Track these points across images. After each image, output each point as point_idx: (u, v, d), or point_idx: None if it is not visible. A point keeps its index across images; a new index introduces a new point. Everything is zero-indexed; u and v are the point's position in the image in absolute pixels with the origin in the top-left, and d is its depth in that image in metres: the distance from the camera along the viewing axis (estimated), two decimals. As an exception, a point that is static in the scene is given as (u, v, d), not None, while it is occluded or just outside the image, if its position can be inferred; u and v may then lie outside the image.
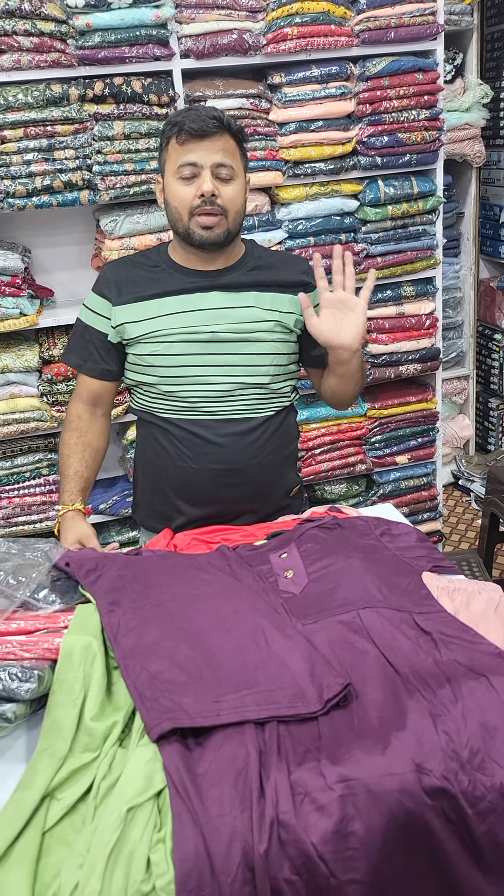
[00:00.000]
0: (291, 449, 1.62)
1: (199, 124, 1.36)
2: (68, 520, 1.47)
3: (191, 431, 1.48)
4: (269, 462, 1.53)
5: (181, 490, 1.52)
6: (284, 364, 1.54)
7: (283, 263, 1.57)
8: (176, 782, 0.83)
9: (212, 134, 1.37)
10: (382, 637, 1.05)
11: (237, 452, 1.49)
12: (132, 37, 2.10)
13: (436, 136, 2.50)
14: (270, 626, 1.06)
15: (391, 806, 0.82)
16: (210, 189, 1.37)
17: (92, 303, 1.53)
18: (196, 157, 1.37)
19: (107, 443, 1.62)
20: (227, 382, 1.47)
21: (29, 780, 0.88)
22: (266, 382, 1.50)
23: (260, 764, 0.86)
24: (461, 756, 0.86)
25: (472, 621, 1.12)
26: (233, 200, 1.41)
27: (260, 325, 1.48)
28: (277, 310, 1.50)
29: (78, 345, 1.56)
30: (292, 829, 0.80)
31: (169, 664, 0.99)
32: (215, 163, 1.38)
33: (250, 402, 1.49)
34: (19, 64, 2.05)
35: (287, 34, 2.24)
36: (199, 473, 1.49)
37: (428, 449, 2.86)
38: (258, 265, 1.52)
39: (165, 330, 1.45)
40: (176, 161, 1.39)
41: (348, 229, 2.53)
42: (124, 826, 0.80)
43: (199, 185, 1.38)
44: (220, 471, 1.49)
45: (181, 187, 1.40)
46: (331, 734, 0.90)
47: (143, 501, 1.63)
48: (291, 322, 1.52)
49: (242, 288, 1.48)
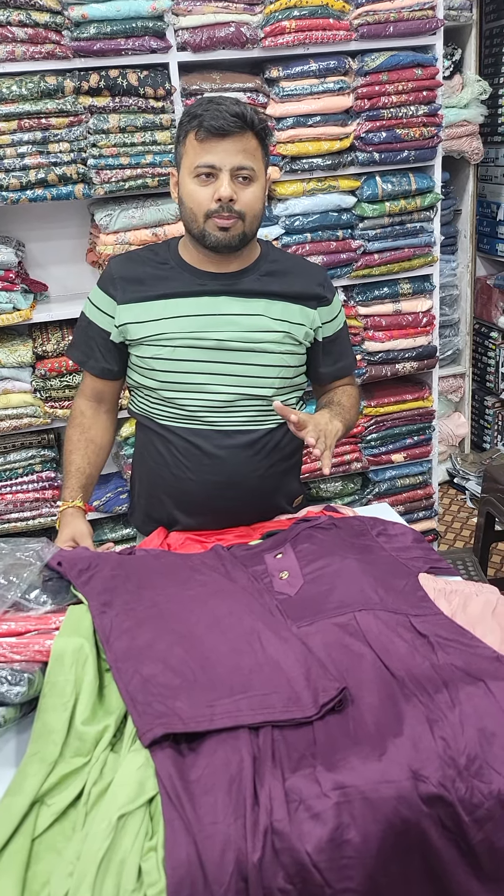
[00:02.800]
0: (294, 460, 1.57)
1: (219, 122, 1.27)
2: (67, 516, 1.45)
3: (190, 441, 1.43)
4: (269, 475, 1.49)
5: (178, 500, 1.47)
6: (290, 377, 1.48)
7: (299, 272, 1.50)
8: (168, 789, 0.81)
9: (233, 133, 1.29)
10: (378, 640, 1.04)
11: (237, 465, 1.43)
12: (128, 28, 2.07)
13: (434, 132, 2.48)
14: (265, 629, 1.05)
15: (387, 813, 0.81)
16: (228, 195, 1.30)
17: (96, 298, 1.48)
18: (215, 158, 1.30)
19: (111, 439, 1.60)
20: (230, 393, 1.41)
21: (18, 785, 0.86)
22: (270, 395, 1.44)
23: (254, 770, 0.85)
24: (458, 763, 0.85)
25: (470, 624, 1.11)
26: (251, 205, 1.34)
27: (268, 335, 1.42)
28: (287, 321, 1.44)
29: (81, 340, 1.52)
30: (286, 837, 0.79)
31: (162, 667, 0.97)
32: (235, 166, 1.30)
33: (253, 414, 1.44)
34: (13, 55, 2.02)
35: (285, 27, 2.22)
36: (197, 485, 1.44)
37: (424, 447, 2.85)
38: (272, 270, 1.46)
39: (170, 333, 1.40)
40: (194, 160, 1.31)
41: (345, 226, 2.51)
42: (115, 834, 0.79)
43: (216, 188, 1.31)
44: (218, 483, 1.43)
45: (198, 188, 1.32)
46: (326, 739, 0.89)
47: (140, 507, 1.60)
48: (301, 334, 1.46)
49: (253, 295, 1.43)
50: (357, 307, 2.63)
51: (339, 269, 2.53)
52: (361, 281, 2.60)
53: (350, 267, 2.55)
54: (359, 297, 2.63)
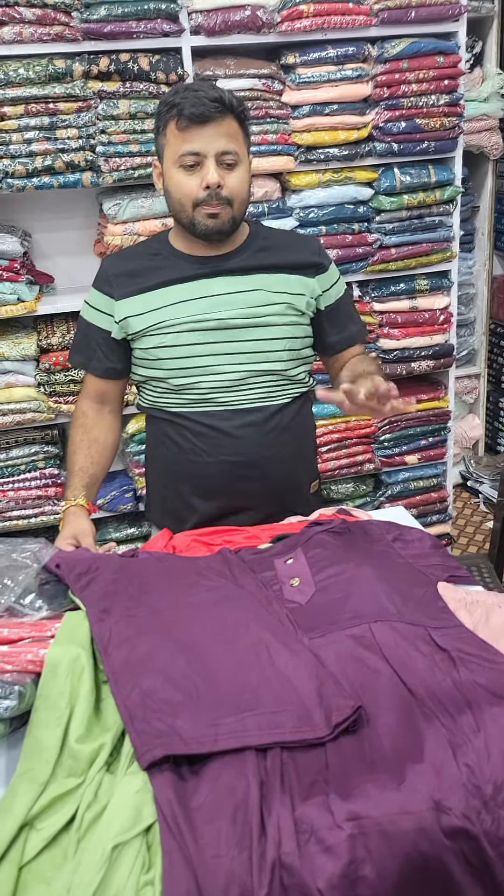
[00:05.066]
0: (309, 441, 1.58)
1: (200, 108, 1.28)
2: (69, 515, 1.44)
3: (204, 424, 1.44)
4: (286, 454, 1.49)
5: (196, 486, 1.47)
6: (298, 349, 1.48)
7: (292, 244, 1.52)
8: (167, 817, 0.76)
9: (214, 118, 1.30)
10: (396, 654, 0.98)
11: (253, 444, 1.44)
12: (140, 11, 2.02)
13: (455, 122, 2.42)
14: (274, 640, 0.99)
15: (406, 848, 0.75)
16: (216, 181, 1.32)
17: (93, 299, 1.49)
18: (199, 145, 1.31)
19: (116, 439, 1.59)
20: (239, 371, 1.42)
21: (6, 806, 0.81)
22: (280, 369, 1.45)
23: (261, 797, 0.79)
24: (484, 792, 0.79)
25: (493, 637, 1.05)
26: (238, 189, 1.36)
27: (269, 308, 1.43)
28: (287, 291, 1.44)
29: (81, 343, 1.53)
30: (296, 872, 0.73)
31: (163, 681, 0.91)
32: (219, 150, 1.32)
33: (265, 390, 1.45)
34: (21, 37, 1.98)
35: (303, 11, 2.16)
36: (214, 467, 1.44)
37: (439, 449, 2.80)
38: (265, 246, 1.47)
39: (171, 320, 1.41)
40: (177, 149, 1.33)
41: (362, 218, 2.45)
42: (109, 865, 0.74)
43: (203, 175, 1.32)
44: (235, 463, 1.44)
45: (184, 177, 1.34)
46: (339, 763, 0.83)
47: (155, 502, 1.60)
48: (303, 304, 1.46)
49: (248, 272, 1.44)
50: (372, 303, 2.57)
51: (354, 264, 2.48)
52: (377, 276, 2.55)
53: (366, 261, 2.49)
54: (374, 293, 2.57)
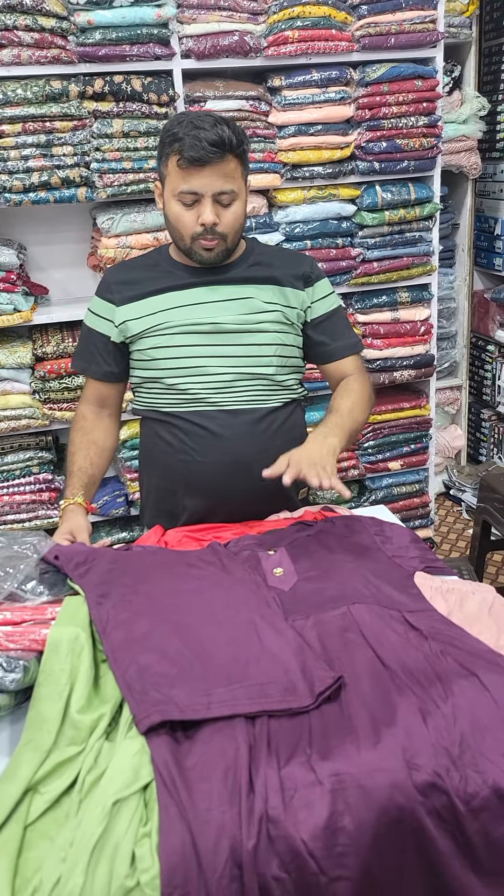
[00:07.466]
0: (300, 443, 1.55)
1: (199, 153, 1.32)
2: (68, 512, 1.47)
3: (196, 423, 1.47)
4: (276, 455, 1.46)
5: (188, 485, 1.50)
6: (288, 356, 1.53)
7: (285, 260, 1.57)
8: (164, 775, 0.81)
9: (213, 161, 1.34)
10: (373, 632, 1.05)
11: (244, 444, 1.47)
12: (133, 35, 2.10)
13: (434, 142, 2.51)
14: (262, 621, 1.05)
15: (382, 801, 0.81)
16: (211, 220, 1.37)
17: (95, 307, 1.54)
18: (198, 185, 1.36)
19: (114, 442, 1.63)
20: (230, 373, 1.47)
21: (11, 773, 0.86)
22: (270, 373, 1.49)
23: (250, 758, 0.84)
24: (452, 752, 0.85)
25: (466, 622, 1.11)
26: (233, 224, 1.42)
27: (261, 315, 1.48)
28: (278, 303, 1.50)
29: (83, 349, 1.58)
30: (281, 824, 0.78)
31: (159, 657, 0.97)
32: (216, 191, 1.37)
33: (255, 392, 1.49)
34: (19, 59, 2.04)
35: (288, 37, 2.25)
36: (206, 466, 1.48)
37: (420, 455, 2.86)
38: (259, 261, 1.53)
39: (167, 323, 1.46)
40: (176, 185, 1.38)
41: (345, 233, 2.53)
42: (109, 819, 0.78)
43: (199, 212, 1.38)
44: (227, 463, 1.47)
45: (182, 212, 1.40)
46: (321, 728, 0.89)
47: (149, 503, 1.63)
48: (293, 316, 1.52)
49: (243, 282, 1.49)
50: (356, 315, 2.64)
51: (338, 277, 2.55)
52: (360, 289, 2.62)
53: (349, 274, 2.56)
54: (357, 305, 2.64)
